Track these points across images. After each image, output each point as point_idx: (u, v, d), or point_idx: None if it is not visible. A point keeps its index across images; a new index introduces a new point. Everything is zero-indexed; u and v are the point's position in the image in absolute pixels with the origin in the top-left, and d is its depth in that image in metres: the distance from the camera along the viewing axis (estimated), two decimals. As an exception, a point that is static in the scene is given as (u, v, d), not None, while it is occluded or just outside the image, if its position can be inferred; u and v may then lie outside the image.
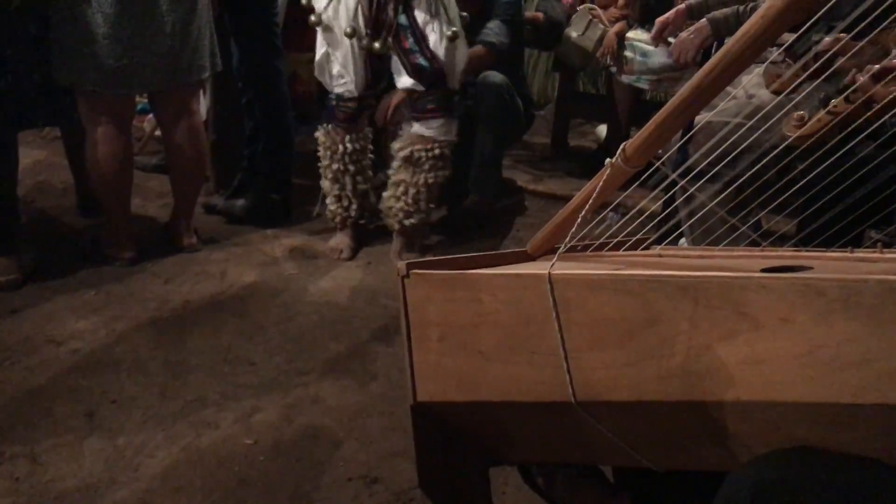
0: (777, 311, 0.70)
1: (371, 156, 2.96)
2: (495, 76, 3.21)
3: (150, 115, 3.66)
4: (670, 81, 3.45)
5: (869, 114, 1.40)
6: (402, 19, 2.60)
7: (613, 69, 3.68)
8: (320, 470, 1.78)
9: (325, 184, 2.92)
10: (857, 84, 1.48)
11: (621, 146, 1.07)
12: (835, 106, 1.41)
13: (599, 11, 3.77)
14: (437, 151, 2.75)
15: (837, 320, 0.66)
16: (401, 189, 2.81)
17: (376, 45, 2.61)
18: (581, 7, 3.83)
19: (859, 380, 0.65)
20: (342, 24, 2.60)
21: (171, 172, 2.92)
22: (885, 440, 0.68)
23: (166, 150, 2.89)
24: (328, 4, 2.61)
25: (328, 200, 2.94)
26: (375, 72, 2.75)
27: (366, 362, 2.22)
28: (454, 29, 2.64)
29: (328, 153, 2.85)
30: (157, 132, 3.47)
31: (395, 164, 2.82)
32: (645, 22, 3.48)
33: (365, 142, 2.89)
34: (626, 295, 0.85)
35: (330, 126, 2.83)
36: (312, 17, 2.61)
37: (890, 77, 1.43)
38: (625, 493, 1.24)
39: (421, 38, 2.61)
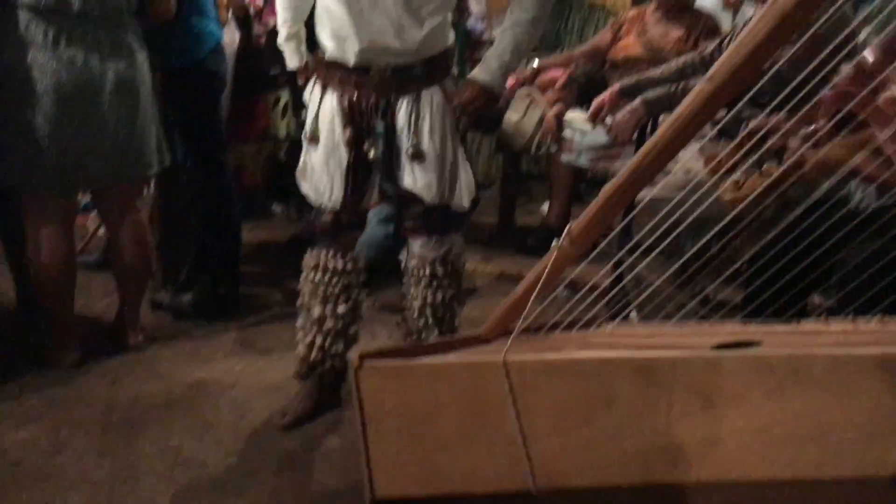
0: (730, 388, 0.71)
1: (351, 280, 2.38)
2: None
3: (93, 214, 3.61)
4: (609, 159, 3.54)
5: (801, 173, 1.45)
6: (379, 127, 2.20)
7: (554, 149, 3.76)
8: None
9: (300, 320, 2.38)
10: (789, 148, 1.54)
11: (567, 228, 1.09)
12: (768, 168, 1.46)
13: (537, 94, 3.87)
14: (427, 271, 2.35)
15: (790, 395, 0.67)
16: (417, 303, 2.38)
17: (370, 151, 2.20)
18: (519, 91, 3.94)
19: (816, 454, 0.66)
20: (323, 131, 2.24)
21: (116, 270, 2.86)
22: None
23: (111, 248, 2.85)
24: (315, 115, 2.23)
25: (299, 336, 2.38)
26: (358, 184, 2.28)
27: (321, 458, 2.16)
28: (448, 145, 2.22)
29: (310, 276, 2.34)
30: (101, 230, 3.42)
31: (405, 282, 2.44)
32: (582, 103, 3.58)
33: (355, 269, 2.36)
34: (581, 378, 0.85)
35: (315, 247, 2.36)
36: (306, 132, 2.23)
37: (817, 140, 1.49)
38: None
39: (387, 151, 2.22)
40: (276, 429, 2.30)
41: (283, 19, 2.37)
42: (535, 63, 4.15)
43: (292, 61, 2.43)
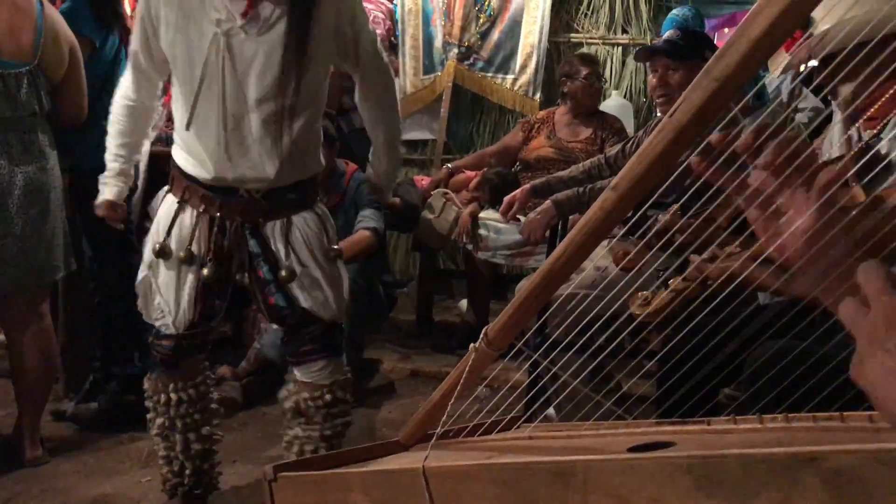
0: (647, 491, 0.71)
1: (213, 405, 2.32)
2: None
3: None
4: (524, 256, 3.62)
5: (707, 292, 1.51)
6: (254, 245, 2.08)
7: (470, 246, 3.83)
8: None
9: (159, 442, 2.26)
10: (693, 265, 1.61)
11: (483, 330, 1.10)
12: (674, 283, 1.52)
13: (452, 194, 3.96)
14: (327, 398, 2.17)
15: (704, 497, 0.68)
16: (295, 448, 2.21)
17: (205, 271, 2.03)
18: (435, 191, 4.02)
19: (733, 557, 0.66)
20: (175, 247, 2.05)
21: (16, 381, 2.71)
22: None
23: (10, 356, 2.71)
24: (168, 230, 2.05)
25: (161, 457, 2.27)
26: (208, 307, 2.13)
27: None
28: (335, 247, 2.17)
29: (161, 408, 2.21)
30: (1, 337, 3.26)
31: (286, 415, 2.29)
32: (495, 202, 3.68)
33: (199, 391, 2.23)
34: (500, 485, 0.84)
35: (156, 375, 2.21)
36: (154, 247, 2.04)
37: (724, 257, 1.56)
38: None
39: (268, 272, 2.09)
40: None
41: (114, 154, 2.17)
42: (449, 164, 4.27)
43: (109, 192, 2.18)
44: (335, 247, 2.16)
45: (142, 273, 2.10)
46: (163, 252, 2.02)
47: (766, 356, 1.21)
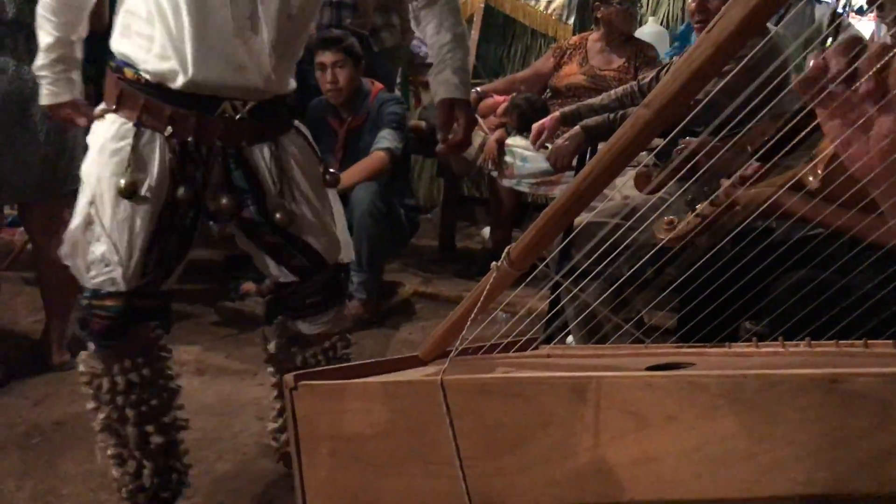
0: (663, 408, 0.71)
1: (172, 385, 1.83)
2: (365, 186, 3.28)
3: (21, 229, 3.51)
4: (549, 185, 3.59)
5: (733, 213, 1.49)
6: (238, 177, 1.67)
7: (495, 173, 3.80)
8: None
9: (98, 435, 1.78)
10: (721, 189, 1.58)
11: (506, 250, 1.09)
12: (702, 208, 1.49)
13: (479, 120, 3.92)
14: (339, 347, 1.94)
15: (722, 416, 0.67)
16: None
17: (181, 190, 1.60)
18: (462, 115, 3.98)
19: (747, 474, 0.66)
20: (117, 170, 1.58)
21: (43, 287, 2.77)
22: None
23: (37, 262, 2.76)
24: (130, 163, 1.58)
25: (112, 457, 1.78)
26: (168, 255, 1.66)
27: (254, 482, 2.11)
28: (332, 170, 1.85)
29: (91, 391, 1.73)
30: (29, 246, 3.32)
31: (271, 381, 2.01)
32: (523, 129, 3.63)
33: (154, 368, 1.76)
34: (517, 398, 0.84)
35: (89, 351, 1.72)
36: (121, 186, 1.55)
37: (749, 182, 1.54)
38: None
39: (257, 212, 1.71)
40: (210, 452, 2.25)
41: (49, 35, 1.70)
42: (478, 88, 4.21)
43: (57, 94, 1.77)
44: (332, 171, 1.85)
45: (77, 218, 1.64)
46: (132, 191, 1.56)
47: (787, 285, 1.19)
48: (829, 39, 3.38)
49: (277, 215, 1.69)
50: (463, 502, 0.89)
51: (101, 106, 1.64)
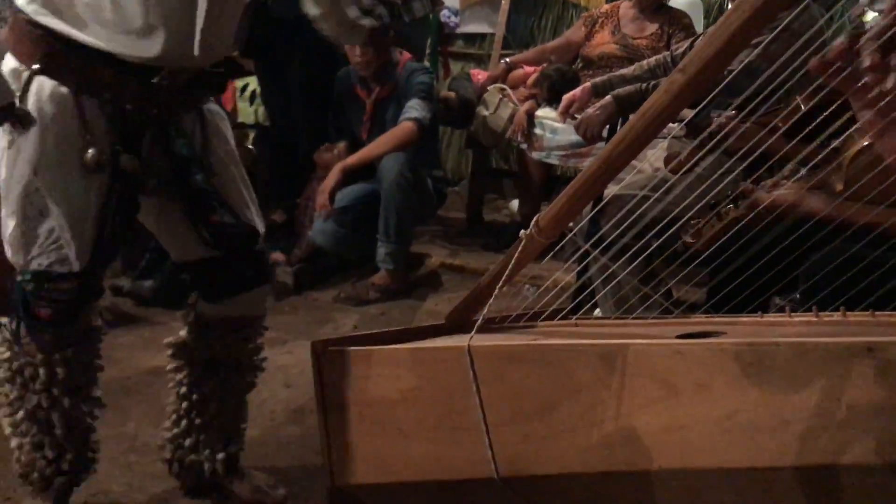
0: (693, 376, 0.71)
1: (99, 363, 1.69)
2: (394, 157, 3.28)
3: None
4: (579, 157, 3.55)
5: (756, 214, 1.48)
6: (182, 146, 1.55)
7: (524, 146, 3.77)
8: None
9: (6, 420, 1.61)
10: (749, 197, 1.57)
11: (534, 219, 1.09)
12: (726, 212, 1.49)
13: (509, 91, 3.88)
14: (261, 332, 1.79)
15: (752, 384, 0.67)
16: (194, 420, 1.77)
17: (124, 159, 1.46)
18: (491, 87, 3.94)
19: (776, 443, 0.66)
20: (67, 138, 1.42)
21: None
22: (806, 502, 0.68)
23: None
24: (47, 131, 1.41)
25: (14, 444, 1.61)
26: (115, 232, 1.51)
27: (282, 447, 2.14)
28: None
29: (15, 375, 1.56)
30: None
31: (175, 377, 1.79)
32: (553, 101, 3.59)
33: (90, 350, 1.63)
34: (545, 365, 0.84)
35: (19, 333, 1.53)
36: (89, 157, 1.42)
37: (772, 184, 1.52)
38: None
39: (204, 181, 1.58)
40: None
41: None
42: (507, 59, 4.16)
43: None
44: (250, 146, 1.70)
45: (17, 196, 1.44)
46: (96, 161, 1.42)
47: (820, 255, 1.18)
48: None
49: (216, 178, 1.58)
50: (489, 468, 0.89)
51: (11, 64, 1.43)
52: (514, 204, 4.51)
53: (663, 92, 0.88)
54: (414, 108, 3.34)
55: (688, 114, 2.18)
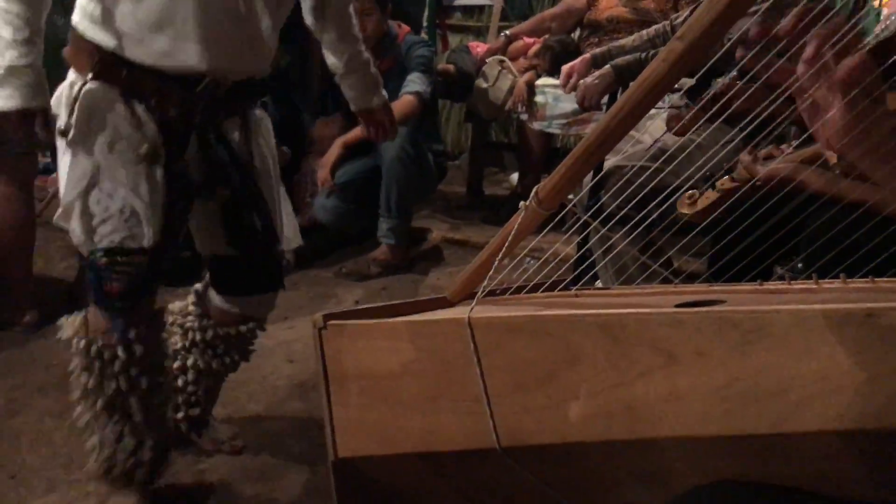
0: (693, 344, 0.70)
1: (168, 351, 1.82)
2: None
3: (54, 176, 3.55)
4: (581, 124, 3.54)
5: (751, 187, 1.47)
6: (220, 151, 1.65)
7: (524, 117, 3.76)
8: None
9: (85, 415, 1.69)
10: (740, 161, 1.56)
11: (534, 189, 1.08)
12: (722, 183, 1.48)
13: (508, 62, 3.86)
14: (254, 330, 1.88)
15: (752, 351, 0.67)
16: (189, 376, 1.87)
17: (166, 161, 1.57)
18: (490, 59, 3.92)
19: (776, 410, 0.66)
20: (117, 136, 1.52)
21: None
22: (805, 469, 0.68)
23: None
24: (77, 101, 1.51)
25: (91, 443, 1.70)
26: (180, 213, 1.64)
27: (285, 421, 2.15)
28: (284, 148, 1.86)
29: (93, 362, 1.63)
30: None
31: (175, 337, 1.89)
32: (554, 72, 3.57)
33: (158, 334, 1.72)
34: (545, 336, 0.84)
35: (93, 310, 1.63)
36: (145, 151, 1.53)
37: (769, 157, 1.51)
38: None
39: (242, 185, 1.68)
40: (240, 392, 2.29)
41: (20, 29, 1.47)
42: (506, 32, 4.13)
43: (23, 97, 1.49)
44: (284, 148, 1.91)
45: (72, 187, 1.53)
46: (154, 155, 1.53)
47: (820, 222, 1.17)
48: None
49: (255, 183, 1.68)
50: (490, 439, 0.89)
51: (71, 77, 1.56)
52: (515, 177, 4.51)
53: (662, 60, 0.87)
54: (414, 82, 3.33)
55: (687, 83, 2.17)
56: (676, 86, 2.03)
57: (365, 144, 3.30)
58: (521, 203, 1.10)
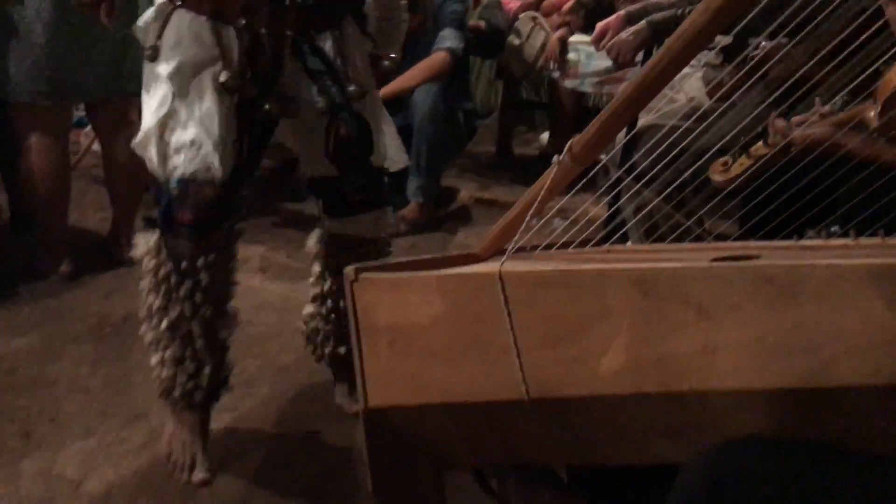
0: (727, 299, 0.70)
1: (235, 287, 1.80)
2: (426, 89, 3.24)
3: (87, 129, 3.58)
4: (614, 82, 3.49)
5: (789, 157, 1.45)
6: (315, 62, 1.65)
7: (556, 74, 3.71)
8: (270, 480, 1.74)
9: (149, 334, 1.72)
10: (774, 127, 1.53)
11: (568, 144, 1.08)
12: (756, 149, 1.46)
13: (541, 18, 3.80)
14: (374, 256, 1.87)
15: (786, 306, 0.66)
16: (327, 307, 1.94)
17: (267, 105, 1.58)
18: (523, 15, 3.86)
19: (808, 365, 0.66)
20: (202, 61, 1.55)
21: (110, 185, 2.84)
22: (836, 424, 0.68)
23: (105, 162, 2.82)
24: (162, 25, 1.55)
25: (154, 360, 1.74)
26: (251, 149, 1.65)
27: (314, 373, 2.18)
28: (392, 55, 1.82)
29: (160, 284, 1.66)
30: (95, 146, 3.39)
31: (315, 270, 1.96)
32: (587, 29, 3.51)
33: (229, 263, 1.74)
34: (576, 290, 0.84)
35: (164, 242, 1.65)
36: (225, 79, 1.53)
37: (807, 123, 1.48)
38: (579, 494, 1.24)
39: (339, 93, 1.66)
40: (273, 342, 2.32)
41: None
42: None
43: None
44: (393, 55, 1.83)
45: (151, 115, 1.57)
46: (233, 85, 1.54)
47: (856, 180, 1.15)
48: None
49: (352, 88, 1.66)
50: (519, 390, 0.90)
51: (159, 1, 1.58)
52: (545, 137, 4.47)
53: (701, 11, 0.85)
54: (447, 38, 3.29)
55: (723, 43, 2.13)
56: (711, 44, 1.99)
57: (396, 102, 3.28)
58: (555, 157, 1.09)
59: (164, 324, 1.67)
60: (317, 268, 1.93)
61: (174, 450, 1.74)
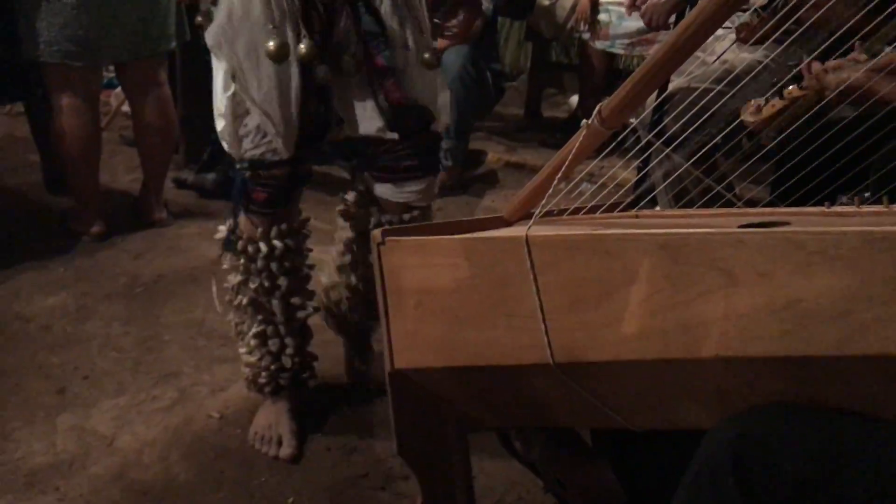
0: (755, 265, 0.70)
1: (309, 262, 1.82)
2: (456, 50, 3.21)
3: (117, 90, 3.60)
4: (646, 44, 3.44)
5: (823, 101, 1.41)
6: (369, 22, 1.62)
7: (587, 36, 3.66)
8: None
9: (234, 317, 1.79)
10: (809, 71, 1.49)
11: (597, 107, 1.06)
12: (789, 92, 1.42)
13: (572, -21, 3.74)
14: (406, 219, 1.77)
15: (816, 273, 0.66)
16: (356, 276, 1.89)
17: (301, 47, 1.52)
18: (553, -25, 3.80)
19: (838, 332, 0.65)
20: (255, 34, 1.51)
21: (140, 146, 2.87)
22: (862, 393, 0.68)
23: (134, 123, 2.85)
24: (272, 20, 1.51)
25: (241, 349, 1.79)
26: (316, 117, 1.63)
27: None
28: (432, 49, 1.71)
29: (240, 259, 1.71)
30: (125, 107, 3.41)
31: (342, 237, 1.91)
32: (619, -10, 3.45)
33: (301, 237, 1.76)
34: (603, 255, 0.84)
35: (241, 216, 1.70)
36: (270, 49, 1.50)
37: (843, 67, 1.44)
38: (603, 456, 1.25)
39: (401, 56, 1.64)
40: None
41: None
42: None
43: None
44: (437, 20, 1.84)
45: (227, 89, 1.56)
46: (283, 53, 1.51)
47: (894, 144, 1.13)
48: None
49: (426, 55, 1.64)
50: (544, 354, 0.90)
51: None
52: (574, 99, 4.42)
53: (736, -29, 0.83)
54: None
55: (758, 4, 2.08)
56: (745, 5, 1.95)
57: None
58: (584, 121, 1.08)
59: (245, 300, 1.71)
60: (348, 234, 1.88)
61: (260, 427, 1.77)
